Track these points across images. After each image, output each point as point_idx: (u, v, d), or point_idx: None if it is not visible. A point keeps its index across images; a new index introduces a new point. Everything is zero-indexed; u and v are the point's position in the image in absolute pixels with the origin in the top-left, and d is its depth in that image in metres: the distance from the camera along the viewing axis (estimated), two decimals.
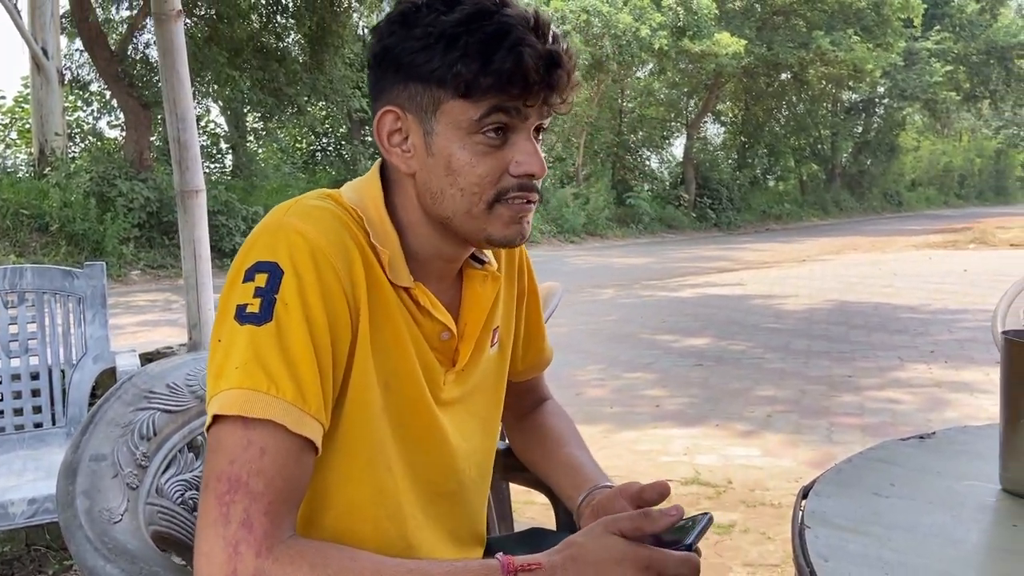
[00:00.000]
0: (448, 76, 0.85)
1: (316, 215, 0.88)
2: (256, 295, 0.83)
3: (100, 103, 16.69)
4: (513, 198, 0.90)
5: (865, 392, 4.88)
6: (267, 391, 0.80)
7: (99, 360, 2.31)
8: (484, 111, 0.86)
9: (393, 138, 0.92)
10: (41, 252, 10.99)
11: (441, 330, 0.97)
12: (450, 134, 0.88)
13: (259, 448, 0.79)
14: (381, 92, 0.92)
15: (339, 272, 0.86)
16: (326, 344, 0.84)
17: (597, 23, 18.89)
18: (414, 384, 0.95)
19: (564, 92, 0.90)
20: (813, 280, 10.81)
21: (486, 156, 0.88)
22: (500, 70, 0.84)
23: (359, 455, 0.92)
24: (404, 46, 0.88)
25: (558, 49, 0.87)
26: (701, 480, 3.42)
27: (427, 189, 0.91)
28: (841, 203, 29.78)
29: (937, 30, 28.42)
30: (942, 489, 0.88)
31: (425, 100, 0.88)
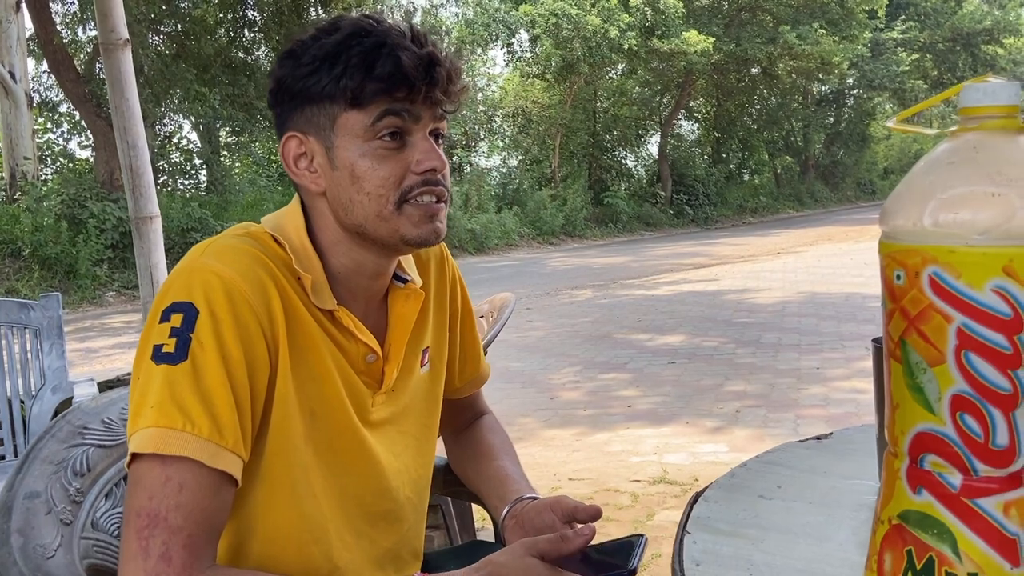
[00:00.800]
0: (337, 90, 0.91)
1: (231, 255, 0.91)
2: (172, 335, 0.86)
3: (70, 124, 16.62)
4: (419, 195, 0.94)
5: (832, 383, 4.96)
6: (182, 428, 0.83)
7: (58, 391, 2.33)
8: (376, 116, 0.91)
9: (300, 162, 0.97)
10: (14, 278, 10.91)
11: (366, 352, 1.00)
12: (349, 144, 0.93)
13: (177, 484, 0.83)
14: (283, 124, 0.98)
15: (255, 308, 0.89)
16: (243, 379, 0.88)
17: (567, 26, 18.97)
18: (340, 409, 0.98)
19: (448, 89, 0.94)
20: (787, 273, 10.92)
21: (386, 159, 0.93)
22: (382, 75, 0.90)
23: (282, 484, 0.95)
24: (295, 74, 0.94)
25: (434, 50, 0.93)
26: (668, 479, 3.47)
27: (338, 202, 0.95)
28: (816, 194, 30.02)
29: (902, 19, 28.70)
30: (825, 489, 0.93)
31: (321, 118, 0.94)
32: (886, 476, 0.60)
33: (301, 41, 0.95)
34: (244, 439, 0.88)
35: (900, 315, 0.56)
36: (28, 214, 11.59)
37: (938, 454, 0.55)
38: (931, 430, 0.55)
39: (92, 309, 10.79)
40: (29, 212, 11.66)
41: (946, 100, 0.68)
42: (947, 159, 0.56)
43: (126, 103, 2.60)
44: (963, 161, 0.55)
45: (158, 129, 16.43)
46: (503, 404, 4.73)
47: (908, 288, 0.55)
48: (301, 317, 0.94)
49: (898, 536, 0.58)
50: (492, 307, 2.47)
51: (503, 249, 17.14)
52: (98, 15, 2.64)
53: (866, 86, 28.80)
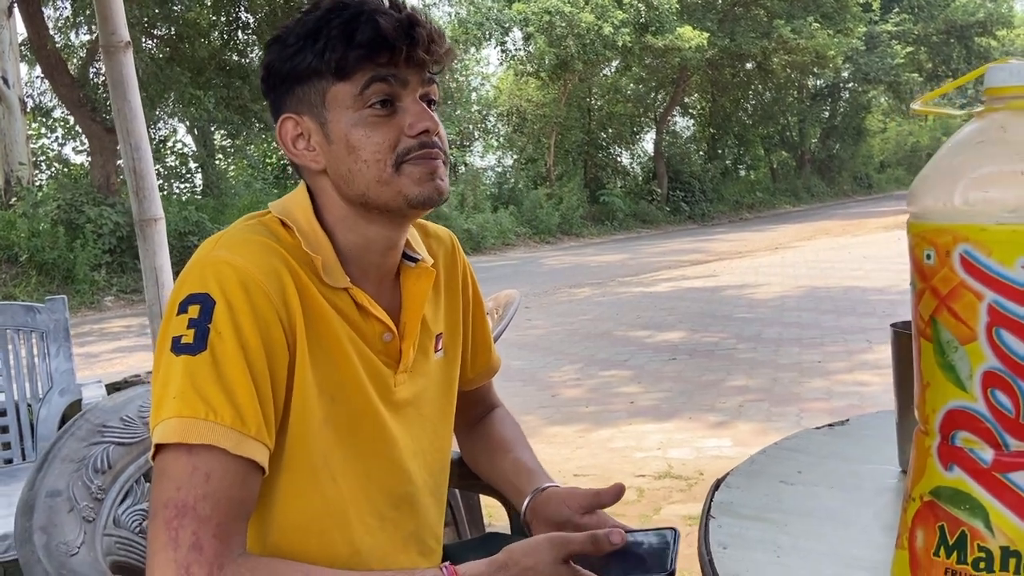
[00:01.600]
0: (322, 64, 0.93)
1: (243, 246, 0.92)
2: (190, 326, 0.86)
3: (64, 129, 16.58)
4: (417, 156, 0.95)
5: (834, 376, 4.97)
6: (205, 417, 0.83)
7: (65, 393, 2.33)
8: (363, 84, 0.93)
9: (298, 143, 0.98)
10: (11, 284, 10.89)
11: (382, 331, 1.01)
12: (341, 117, 0.94)
13: (204, 473, 0.83)
14: (277, 109, 0.99)
15: (271, 296, 0.90)
16: (263, 368, 0.88)
17: (560, 23, 18.97)
18: (360, 391, 0.98)
19: (430, 49, 0.95)
20: (785, 267, 10.93)
21: (379, 126, 0.94)
22: (362, 41, 0.91)
23: (303, 470, 0.95)
24: (281, 57, 0.96)
25: (413, 12, 0.95)
26: (673, 474, 3.48)
27: (338, 175, 0.96)
28: (812, 188, 30.04)
29: (896, 12, 28.73)
30: (845, 474, 0.94)
31: (312, 96, 0.95)
32: (917, 454, 0.60)
33: (286, 26, 0.97)
34: (268, 427, 0.88)
35: (930, 294, 0.57)
36: (24, 219, 11.57)
37: (969, 430, 0.56)
38: (962, 407, 0.56)
39: (91, 314, 10.77)
40: (25, 217, 11.64)
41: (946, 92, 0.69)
42: (975, 139, 0.56)
43: (128, 105, 2.60)
44: (991, 141, 0.55)
45: (153, 132, 16.41)
46: (505, 402, 4.72)
47: (939, 267, 0.56)
48: (316, 301, 0.95)
49: (930, 512, 0.58)
50: (497, 304, 2.48)
51: (500, 249, 17.14)
52: (99, 17, 2.64)
53: (861, 79, 28.83)
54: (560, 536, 0.90)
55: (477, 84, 23.35)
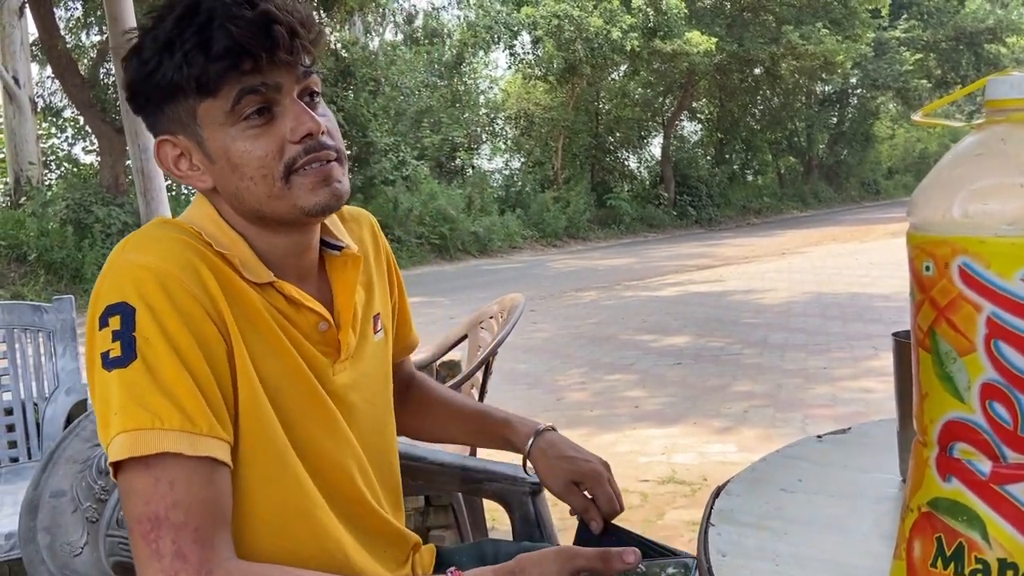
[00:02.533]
0: (183, 80, 0.86)
1: (153, 244, 0.88)
2: (115, 339, 0.83)
3: (74, 129, 16.64)
4: (305, 163, 0.89)
5: (839, 383, 4.96)
6: (152, 426, 0.81)
7: (71, 392, 2.34)
8: (233, 100, 0.87)
9: (180, 164, 0.93)
10: (20, 283, 10.94)
11: (317, 321, 0.97)
12: (217, 134, 0.89)
13: (167, 482, 0.81)
14: (151, 128, 0.94)
15: (193, 291, 0.85)
16: (199, 364, 0.84)
17: (569, 28, 18.99)
18: (304, 380, 0.95)
19: (293, 46, 0.87)
20: (792, 273, 10.92)
21: (259, 138, 0.88)
22: (219, 53, 0.84)
23: (262, 465, 0.91)
24: (140, 74, 0.89)
25: (268, 8, 0.86)
26: (677, 479, 3.48)
27: (228, 194, 0.92)
28: (819, 194, 29.99)
29: (905, 19, 28.70)
30: (845, 482, 0.94)
31: (182, 114, 0.89)
32: (915, 465, 0.60)
33: (142, 32, 0.90)
34: (220, 421, 0.85)
35: (929, 305, 0.57)
36: (33, 219, 11.63)
37: (967, 442, 0.56)
38: (960, 418, 0.56)
39: None
40: (34, 217, 11.70)
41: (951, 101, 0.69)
42: (975, 151, 0.56)
43: None
44: (991, 153, 0.56)
45: None
46: (510, 405, 4.71)
47: (937, 279, 0.56)
48: (241, 292, 0.91)
49: (928, 523, 0.59)
50: (502, 308, 2.48)
51: (506, 251, 17.15)
52: (109, 18, 2.66)
53: (869, 85, 28.80)
54: (570, 550, 0.90)
55: (485, 87, 23.40)
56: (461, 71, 21.23)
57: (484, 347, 2.31)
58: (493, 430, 1.25)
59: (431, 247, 15.77)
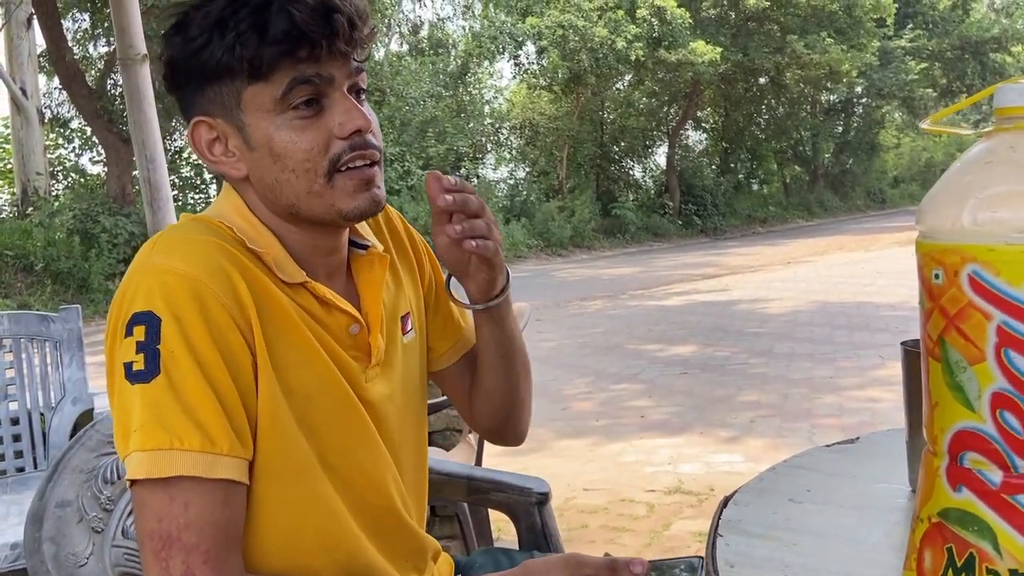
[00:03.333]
0: (233, 61, 0.83)
1: (183, 247, 0.85)
2: (139, 350, 0.81)
3: (81, 140, 16.72)
4: (350, 161, 0.87)
5: (846, 392, 4.94)
6: (171, 447, 0.79)
7: (78, 402, 2.34)
8: (285, 87, 0.84)
9: (214, 148, 0.90)
10: (27, 293, 10.97)
11: (348, 323, 0.94)
12: (262, 121, 0.86)
13: (182, 503, 0.80)
14: (187, 109, 0.90)
15: (221, 299, 0.83)
16: (224, 378, 0.82)
17: (573, 38, 19.03)
18: (337, 386, 0.92)
19: (352, 37, 0.86)
20: (798, 282, 10.89)
21: (305, 129, 0.85)
22: (277, 36, 0.82)
23: (283, 478, 0.89)
24: (185, 51, 0.86)
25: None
26: (684, 489, 3.46)
27: (263, 184, 0.88)
28: (825, 203, 29.93)
29: (910, 28, 28.69)
30: (854, 493, 0.93)
31: (226, 97, 0.86)
32: (925, 474, 0.60)
33: (185, 12, 0.86)
34: (241, 437, 0.83)
35: (939, 314, 0.57)
36: (40, 229, 11.67)
37: (978, 451, 0.55)
38: (971, 428, 0.55)
39: (104, 323, 10.82)
40: (41, 227, 11.74)
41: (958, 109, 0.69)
42: (984, 159, 0.56)
43: (144, 117, 2.63)
44: (1000, 160, 0.55)
45: (168, 144, 16.54)
46: None
47: (947, 287, 0.56)
48: (273, 298, 0.88)
49: (938, 534, 0.58)
50: None
51: (511, 261, 17.15)
52: (116, 30, 2.68)
53: (875, 95, 28.77)
54: (577, 557, 0.88)
55: (490, 97, 23.44)
56: (466, 81, 21.28)
57: None
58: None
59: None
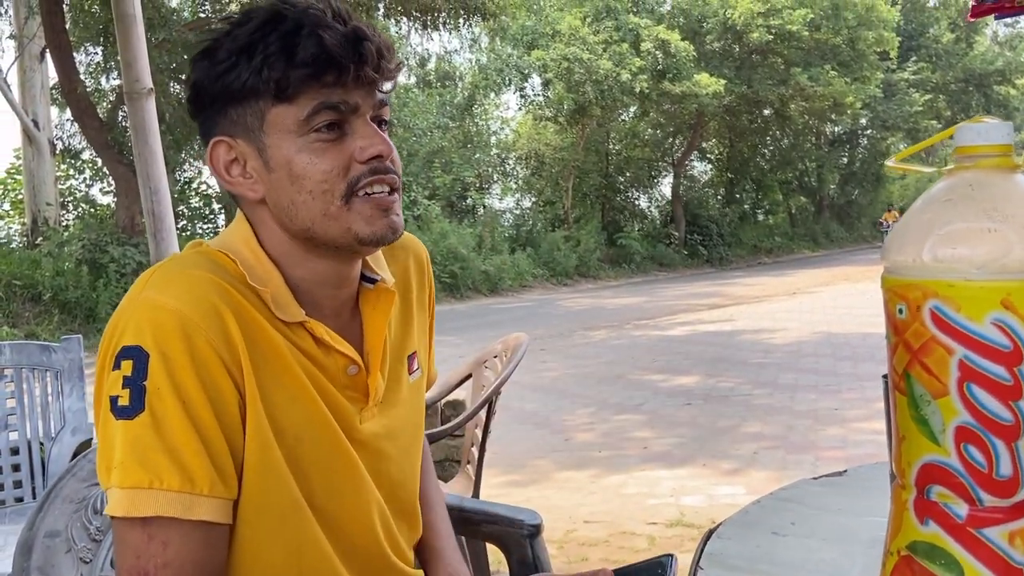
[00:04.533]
0: (259, 83, 0.84)
1: (176, 282, 0.84)
2: (124, 385, 0.81)
3: (92, 171, 16.89)
4: (369, 184, 0.87)
5: (850, 424, 4.91)
6: (150, 486, 0.79)
7: (77, 432, 2.35)
8: (310, 111, 0.84)
9: (232, 169, 0.90)
10: (34, 322, 11.03)
11: (346, 365, 0.93)
12: (283, 142, 0.86)
13: (161, 542, 0.80)
14: (207, 131, 0.90)
15: (210, 338, 0.82)
16: (208, 418, 0.82)
17: (579, 70, 19.23)
18: (327, 428, 0.91)
19: (379, 66, 0.87)
20: (802, 313, 10.87)
21: (326, 152, 0.86)
22: (305, 59, 0.83)
23: (269, 520, 0.88)
24: (211, 74, 0.87)
25: (360, 25, 0.86)
26: (685, 522, 3.44)
27: (279, 207, 0.88)
28: (831, 234, 30.00)
29: (914, 61, 28.92)
30: (838, 526, 0.93)
31: (248, 118, 0.87)
32: (894, 508, 0.60)
33: (215, 38, 0.88)
34: (224, 478, 0.83)
35: (903, 348, 0.57)
36: (49, 259, 11.76)
37: (944, 485, 0.56)
38: (937, 461, 0.56)
39: None
40: (50, 257, 11.83)
41: (926, 145, 0.70)
42: (944, 196, 0.57)
43: (149, 150, 2.67)
44: (960, 198, 0.56)
45: (178, 175, 16.68)
46: (517, 446, 4.71)
47: (910, 321, 0.56)
48: (267, 337, 0.87)
49: (907, 567, 0.58)
50: (506, 347, 2.49)
51: (517, 290, 17.18)
52: (123, 65, 2.73)
53: (879, 126, 28.95)
54: None
55: (496, 128, 23.64)
56: (472, 112, 21.49)
57: (487, 386, 2.31)
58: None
59: (442, 286, 15.82)
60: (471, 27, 16.26)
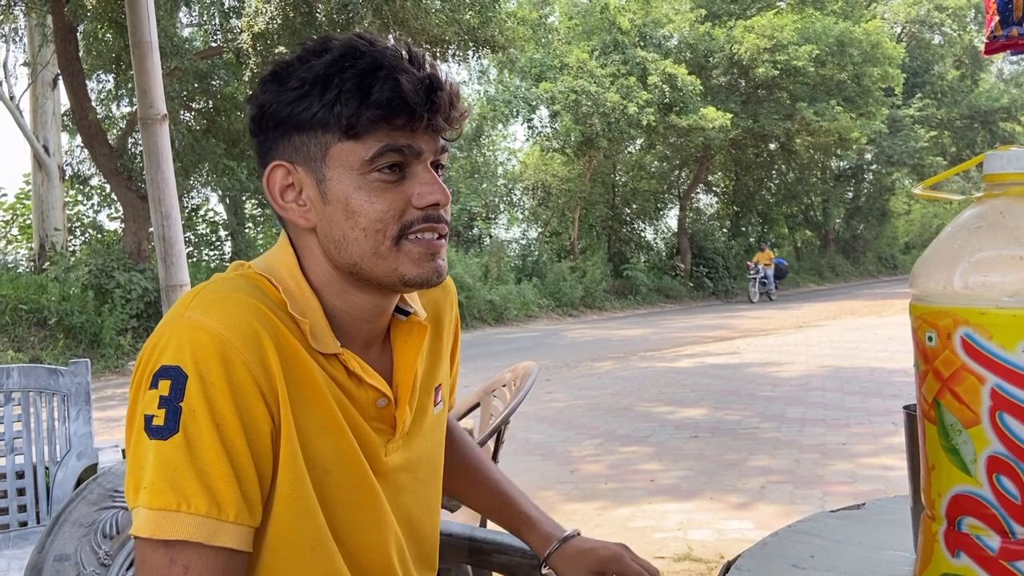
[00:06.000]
0: (330, 118, 0.85)
1: (220, 305, 0.85)
2: (161, 405, 0.81)
3: (100, 197, 17.03)
4: (420, 230, 0.88)
5: (859, 459, 4.86)
6: (178, 509, 0.79)
7: (83, 457, 2.34)
8: (376, 151, 0.85)
9: (286, 194, 0.90)
10: (39, 346, 11.04)
11: (376, 398, 0.94)
12: (344, 177, 0.86)
13: (182, 566, 0.80)
14: (266, 152, 0.91)
15: (249, 364, 0.83)
16: (240, 445, 0.82)
17: (586, 102, 19.38)
18: (355, 462, 0.92)
19: (450, 116, 0.88)
20: (809, 346, 10.82)
21: (384, 192, 0.86)
22: (380, 101, 0.83)
23: (298, 550, 0.89)
24: (281, 99, 0.87)
25: (435, 73, 0.87)
26: (693, 556, 3.39)
27: (330, 238, 0.89)
28: (836, 268, 29.97)
29: (919, 97, 29.09)
30: (858, 559, 0.92)
31: (312, 148, 0.87)
32: (923, 540, 0.59)
33: (286, 63, 0.88)
34: (251, 505, 0.83)
35: (933, 376, 0.57)
36: (56, 284, 11.80)
37: (976, 516, 0.55)
38: (968, 492, 0.55)
39: (114, 378, 10.85)
40: (57, 282, 11.87)
41: (964, 174, 0.70)
42: (974, 224, 0.57)
43: (162, 175, 2.68)
44: (990, 225, 0.56)
45: (186, 201, 16.80)
46: (523, 477, 4.67)
47: (940, 349, 0.56)
48: (303, 366, 0.88)
49: None
50: (515, 376, 2.47)
51: (522, 320, 17.16)
52: (138, 91, 2.75)
53: (885, 162, 29.03)
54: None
55: (503, 159, 23.79)
56: (480, 143, 21.65)
57: (496, 415, 2.29)
58: (512, 519, 1.21)
59: None
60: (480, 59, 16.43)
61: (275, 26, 12.52)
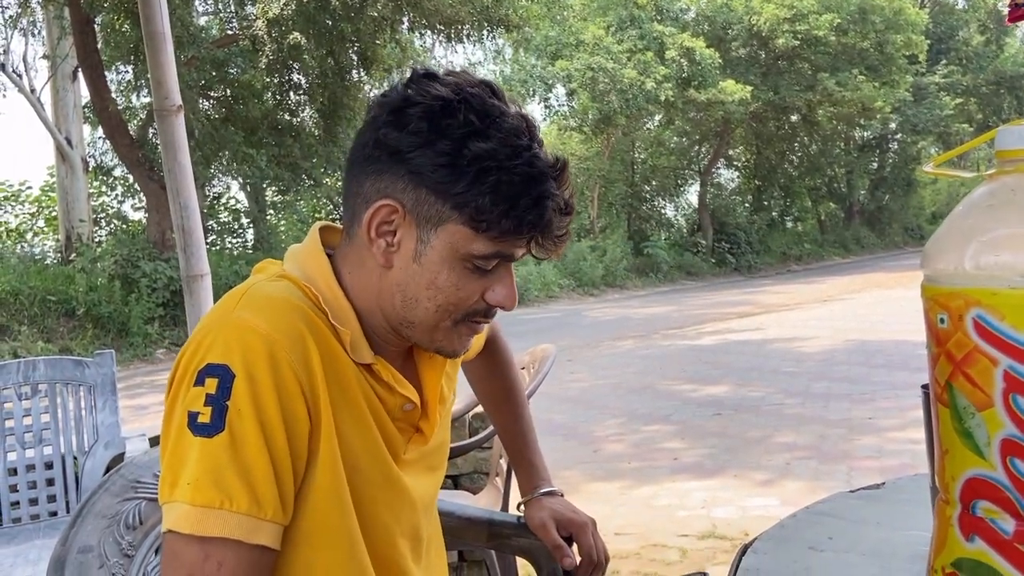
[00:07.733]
0: (469, 205, 0.84)
1: (268, 305, 0.86)
2: (207, 403, 0.81)
3: (124, 187, 17.16)
4: (479, 320, 0.93)
5: (885, 433, 4.83)
6: (220, 506, 0.80)
7: (110, 446, 2.38)
8: (489, 253, 0.87)
9: (381, 229, 0.89)
10: (68, 337, 11.20)
11: (403, 402, 0.97)
12: (445, 253, 0.87)
13: (216, 562, 0.80)
14: (379, 175, 0.88)
15: (295, 367, 0.84)
16: (282, 443, 0.84)
17: (603, 80, 19.22)
18: (382, 460, 0.95)
19: (557, 239, 0.90)
20: (834, 320, 10.73)
21: (470, 280, 0.89)
22: (523, 218, 0.85)
23: (335, 546, 0.90)
24: (427, 153, 0.85)
25: (570, 199, 0.89)
26: (717, 534, 3.40)
27: (402, 291, 0.90)
28: (861, 240, 29.59)
29: (944, 64, 28.52)
30: (878, 540, 0.91)
31: (431, 211, 0.86)
32: (938, 524, 0.58)
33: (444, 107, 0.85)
34: (283, 503, 0.85)
35: (945, 359, 0.56)
36: (83, 274, 11.96)
37: (990, 500, 0.54)
38: (982, 475, 0.54)
39: (143, 366, 11.00)
40: (83, 272, 12.03)
41: (991, 142, 0.68)
42: (986, 202, 0.56)
43: (179, 165, 2.69)
44: (1002, 203, 0.55)
45: (207, 190, 16.91)
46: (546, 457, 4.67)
47: (952, 331, 0.55)
48: (342, 369, 0.90)
49: None
50: (533, 359, 2.47)
51: (543, 301, 17.15)
52: (153, 83, 2.76)
53: (910, 130, 28.53)
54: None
55: None
56: None
57: None
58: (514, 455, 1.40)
59: None
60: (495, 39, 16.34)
61: (289, 11, 12.50)
